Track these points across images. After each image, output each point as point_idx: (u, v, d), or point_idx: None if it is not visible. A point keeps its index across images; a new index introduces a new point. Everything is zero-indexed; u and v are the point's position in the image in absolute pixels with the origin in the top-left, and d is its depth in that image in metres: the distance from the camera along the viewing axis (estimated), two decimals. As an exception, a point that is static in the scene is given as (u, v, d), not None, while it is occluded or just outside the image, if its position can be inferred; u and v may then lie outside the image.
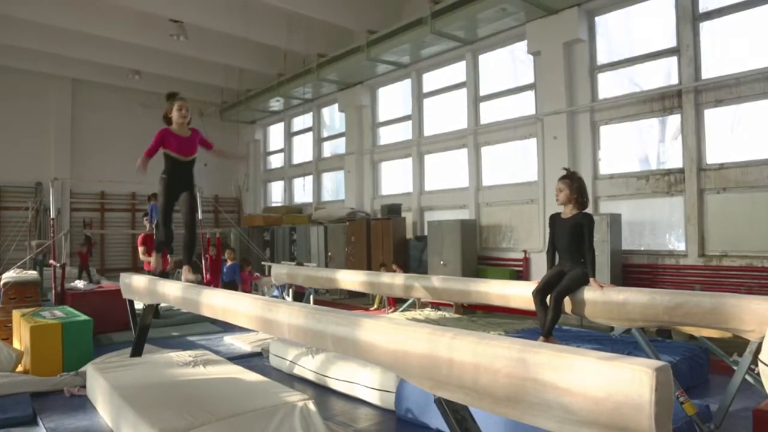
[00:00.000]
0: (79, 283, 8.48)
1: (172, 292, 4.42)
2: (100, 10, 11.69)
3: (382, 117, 13.90)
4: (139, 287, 5.09)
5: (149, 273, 8.14)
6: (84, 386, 5.06)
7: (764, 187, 7.32)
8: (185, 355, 5.30)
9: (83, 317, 5.97)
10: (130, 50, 13.59)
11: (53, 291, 8.29)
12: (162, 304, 6.32)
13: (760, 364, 2.71)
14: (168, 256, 8.78)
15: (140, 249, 8.83)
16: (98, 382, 4.56)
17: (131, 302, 5.97)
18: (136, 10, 11.30)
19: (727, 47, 7.82)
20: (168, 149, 4.55)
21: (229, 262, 10.21)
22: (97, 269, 14.23)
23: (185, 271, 4.67)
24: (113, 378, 4.45)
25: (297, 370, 5.73)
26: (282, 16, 12.12)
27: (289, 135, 17.44)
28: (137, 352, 5.33)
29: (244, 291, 9.59)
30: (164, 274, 8.52)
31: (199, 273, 3.77)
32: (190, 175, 4.76)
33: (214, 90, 17.00)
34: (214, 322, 7.90)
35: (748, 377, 3.36)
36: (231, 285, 9.72)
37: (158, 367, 4.93)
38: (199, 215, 11.37)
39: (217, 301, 3.74)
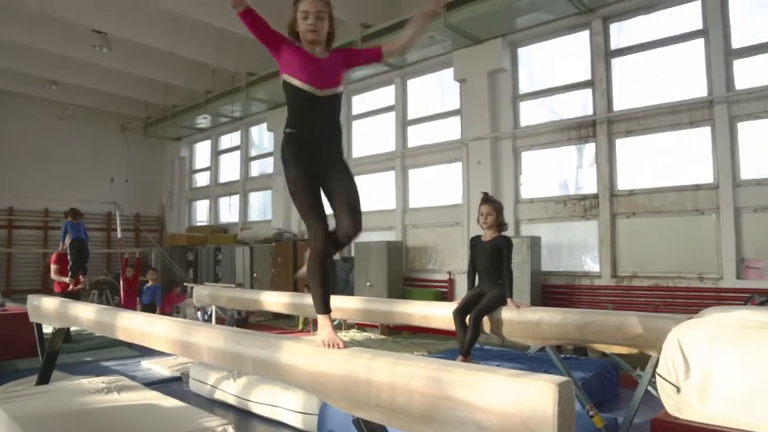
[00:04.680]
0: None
1: (85, 314, 4.21)
2: (18, 16, 11.07)
3: (311, 137, 13.86)
4: (49, 310, 4.80)
5: (61, 294, 7.73)
6: (-19, 418, 4.69)
7: (669, 212, 7.88)
8: (98, 382, 5.01)
9: (-16, 343, 5.56)
10: (48, 59, 12.85)
11: (-49, 314, 7.67)
12: (74, 328, 5.97)
13: (657, 376, 2.90)
14: (81, 276, 8.42)
15: (53, 267, 8.38)
16: (-3, 412, 4.24)
17: (39, 326, 5.59)
18: (57, 17, 10.78)
19: (637, 82, 8.40)
20: (289, 73, 2.71)
21: (150, 283, 9.80)
22: (1, 291, 13.25)
23: None
24: (14, 408, 4.14)
25: (218, 395, 5.55)
26: (211, 33, 11.93)
27: (216, 153, 17.07)
28: (44, 379, 5.00)
29: (163, 314, 9.23)
30: (76, 296, 8.14)
31: None
32: (336, 124, 2.81)
33: (138, 104, 16.43)
34: (131, 346, 7.54)
35: (651, 389, 3.57)
36: (150, 307, 9.35)
37: (67, 395, 4.64)
38: (119, 234, 10.94)
39: (134, 324, 3.60)
